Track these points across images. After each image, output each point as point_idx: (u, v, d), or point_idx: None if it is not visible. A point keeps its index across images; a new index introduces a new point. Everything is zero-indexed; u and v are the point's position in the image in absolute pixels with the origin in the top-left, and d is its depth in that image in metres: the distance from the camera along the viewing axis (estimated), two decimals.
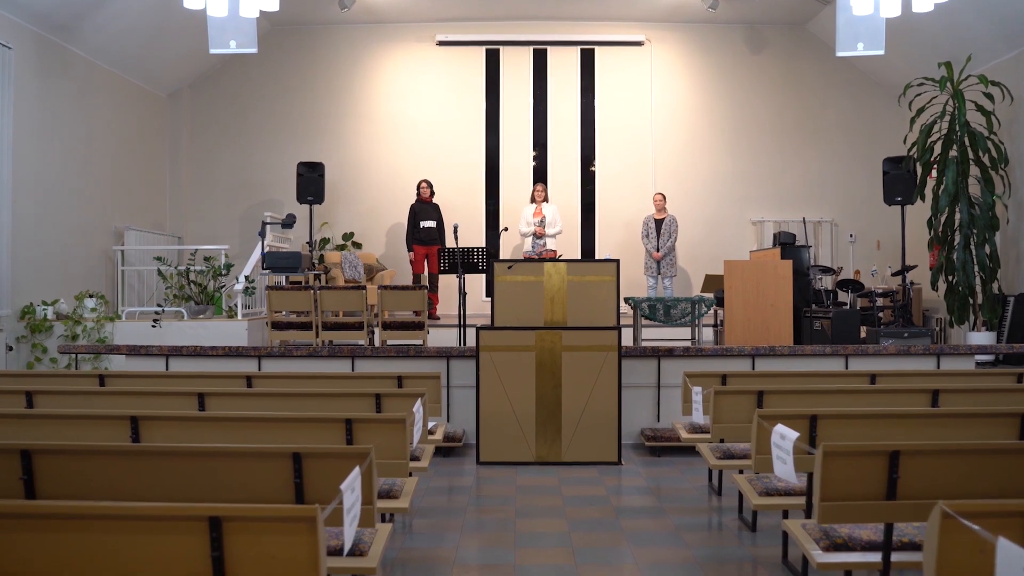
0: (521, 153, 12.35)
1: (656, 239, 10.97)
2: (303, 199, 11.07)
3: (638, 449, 6.99)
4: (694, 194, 12.26)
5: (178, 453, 2.78)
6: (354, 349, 7.10)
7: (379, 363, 7.14)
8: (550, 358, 6.40)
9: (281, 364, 7.17)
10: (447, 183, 11.89)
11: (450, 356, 7.12)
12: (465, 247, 7.77)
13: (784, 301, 7.44)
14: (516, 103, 12.37)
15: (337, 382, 5.13)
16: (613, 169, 12.33)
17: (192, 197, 12.16)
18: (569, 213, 11.95)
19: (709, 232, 12.20)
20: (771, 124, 12.34)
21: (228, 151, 12.20)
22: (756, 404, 4.48)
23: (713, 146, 12.35)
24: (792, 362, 7.16)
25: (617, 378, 6.43)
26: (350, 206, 12.20)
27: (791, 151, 12.35)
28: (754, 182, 12.34)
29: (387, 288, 7.39)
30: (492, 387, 6.41)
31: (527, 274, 7.09)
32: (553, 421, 6.40)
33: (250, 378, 5.19)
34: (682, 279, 11.96)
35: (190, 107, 12.19)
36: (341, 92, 12.28)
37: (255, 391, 4.57)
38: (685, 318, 7.53)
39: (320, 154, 11.89)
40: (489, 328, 6.44)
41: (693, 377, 5.27)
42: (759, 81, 12.36)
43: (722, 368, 7.04)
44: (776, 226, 12.13)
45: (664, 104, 12.34)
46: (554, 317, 7.00)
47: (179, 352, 7.19)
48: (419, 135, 12.26)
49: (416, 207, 10.83)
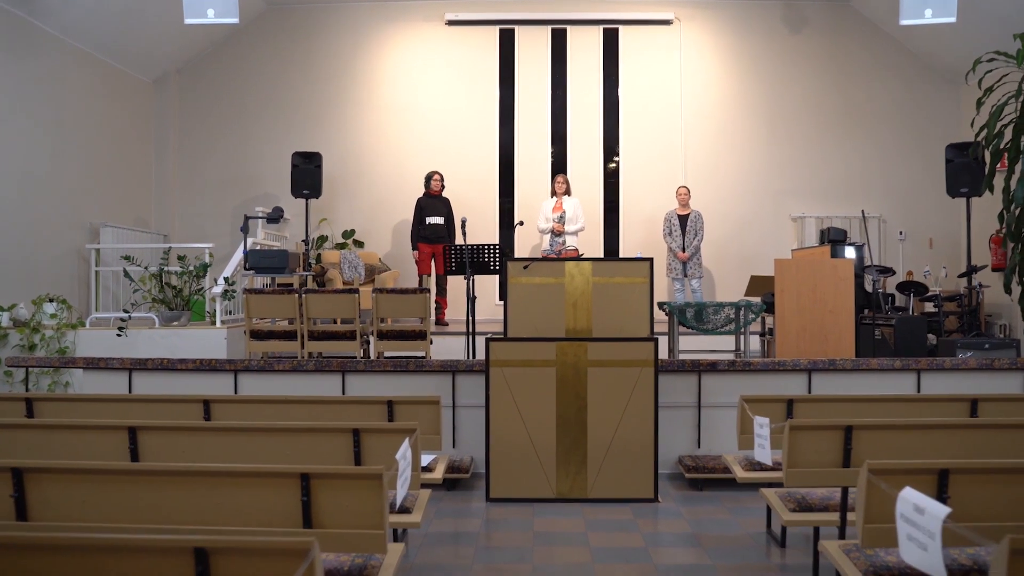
0: (538, 143, 11.39)
1: (681, 237, 9.99)
2: (298, 193, 10.16)
3: (676, 480, 6.02)
4: (726, 188, 11.26)
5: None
6: (345, 362, 6.16)
7: (372, 380, 6.20)
8: (574, 374, 5.43)
9: (260, 381, 6.24)
10: (457, 176, 10.96)
11: (456, 371, 6.17)
12: (474, 244, 6.82)
13: (845, 306, 6.44)
14: (533, 88, 11.41)
15: (313, 409, 4.19)
16: (638, 161, 11.35)
17: (179, 192, 11.28)
18: (590, 209, 10.97)
19: (741, 229, 11.20)
20: (812, 111, 11.32)
21: (219, 141, 11.31)
22: (843, 443, 3.51)
23: (748, 135, 11.35)
24: (856, 379, 6.17)
25: (653, 399, 5.46)
26: (351, 201, 11.27)
27: (834, 140, 11.33)
28: (793, 174, 11.33)
29: (383, 291, 6.45)
30: (505, 409, 5.45)
31: (546, 275, 6.15)
32: (577, 450, 5.43)
33: (208, 403, 4.27)
34: (706, 282, 10.97)
35: (177, 93, 11.31)
36: (342, 77, 11.36)
37: (204, 426, 3.63)
38: (729, 326, 6.55)
39: (319, 144, 10.98)
40: (501, 339, 5.48)
41: (752, 403, 4.30)
42: (798, 63, 11.35)
43: (775, 387, 6.08)
44: (819, 222, 11.12)
45: (694, 89, 11.35)
46: (577, 326, 6.06)
47: (143, 366, 6.27)
48: (427, 124, 11.32)
49: (423, 201, 9.90)
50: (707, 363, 6.18)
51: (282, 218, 7.38)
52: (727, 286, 11.19)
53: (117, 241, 9.46)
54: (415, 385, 6.21)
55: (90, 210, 9.47)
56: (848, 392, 6.13)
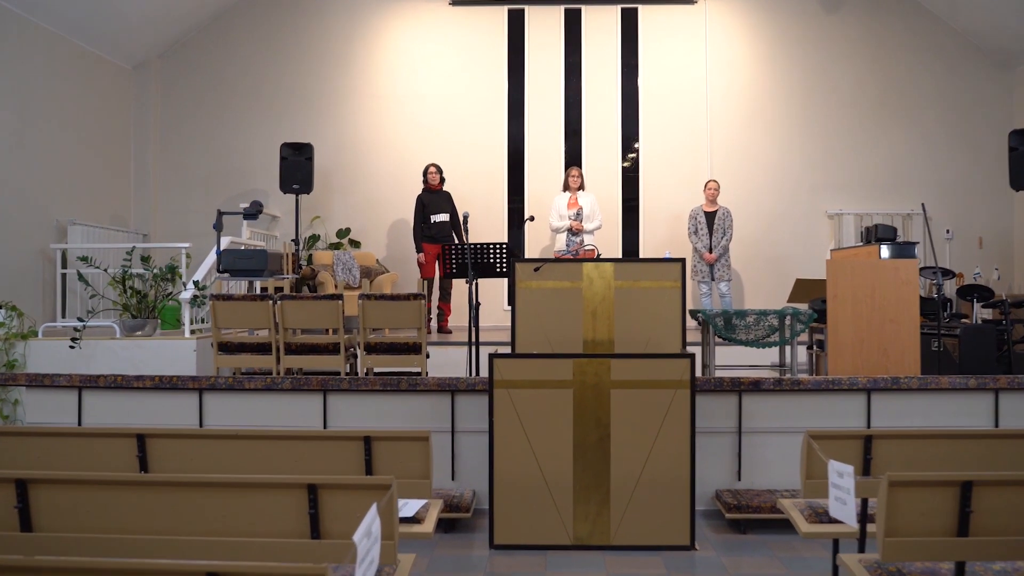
0: (551, 134, 10.55)
1: (708, 236, 9.14)
2: (287, 187, 9.36)
3: (712, 520, 5.18)
4: (756, 182, 10.40)
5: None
6: (327, 380, 5.34)
7: (358, 401, 5.38)
8: (594, 397, 4.60)
9: (228, 401, 5.44)
10: (463, 169, 10.15)
11: (456, 390, 5.35)
12: (478, 243, 5.99)
13: (908, 314, 5.58)
14: (544, 74, 10.57)
15: (269, 449, 3.37)
16: (660, 154, 10.49)
17: (161, 187, 10.49)
18: (607, 207, 10.12)
19: (771, 227, 10.33)
20: (849, 98, 10.45)
21: (204, 133, 10.52)
22: (959, 504, 2.67)
23: (779, 125, 10.48)
24: (924, 401, 5.31)
25: (689, 427, 4.62)
26: (346, 197, 10.46)
27: (873, 130, 10.45)
28: (829, 167, 10.45)
29: (371, 298, 5.62)
30: (511, 439, 4.62)
31: (560, 279, 5.34)
32: (598, 487, 4.60)
33: (143, 439, 3.46)
34: (734, 285, 10.12)
35: (159, 81, 10.52)
36: (337, 62, 10.55)
37: (125, 480, 2.80)
38: (772, 337, 5.70)
39: (312, 135, 10.18)
40: (507, 356, 4.65)
41: (820, 440, 3.46)
42: (834, 46, 10.48)
43: (829, 409, 5.24)
44: (857, 220, 10.25)
45: (720, 75, 10.50)
46: (597, 338, 5.24)
47: (95, 383, 5.48)
48: (429, 113, 10.50)
49: (425, 198, 9.09)
50: (749, 381, 5.33)
51: (260, 213, 6.56)
52: (757, 290, 10.33)
53: (87, 240, 8.68)
54: (407, 407, 5.39)
55: (59, 206, 8.69)
56: (916, 419, 5.29)
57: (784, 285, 10.16)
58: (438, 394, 5.38)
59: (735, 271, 10.06)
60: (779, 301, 10.14)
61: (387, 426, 5.39)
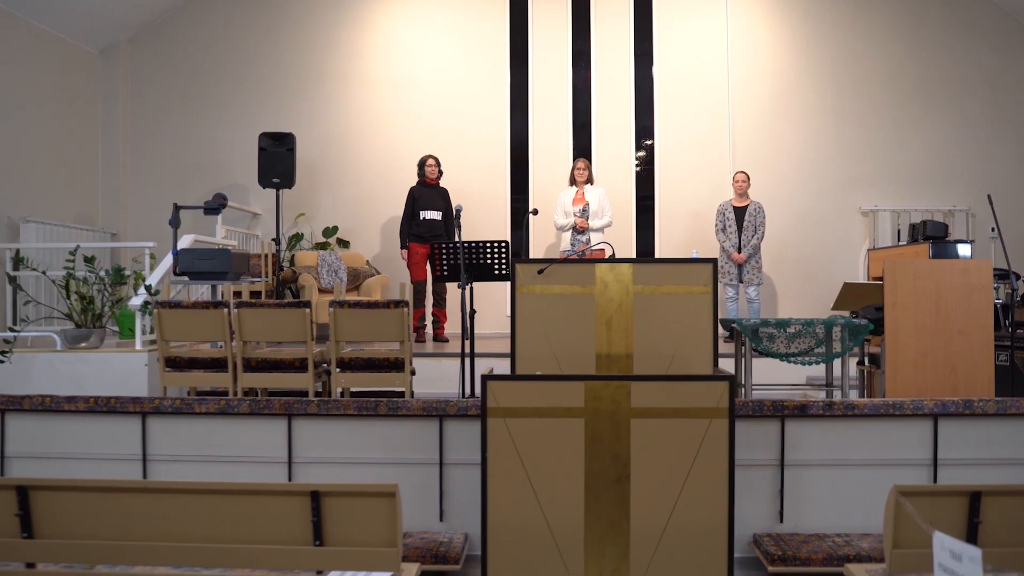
0: (557, 125, 9.75)
1: (737, 234, 8.33)
2: (267, 181, 8.60)
3: (749, 569, 4.40)
4: (783, 176, 9.60)
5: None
6: (292, 403, 4.56)
7: (330, 428, 4.61)
8: (611, 428, 3.80)
9: (175, 428, 4.66)
10: (461, 162, 9.39)
11: (445, 415, 4.56)
12: (473, 241, 5.20)
13: (980, 325, 4.78)
14: (550, 61, 9.78)
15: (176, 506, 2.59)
16: (677, 147, 9.69)
17: (132, 182, 9.73)
18: (620, 205, 9.30)
19: (798, 224, 9.53)
20: (886, 83, 9.63)
21: (179, 122, 9.77)
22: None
23: (808, 114, 9.67)
24: (1001, 427, 4.51)
25: (727, 464, 3.81)
26: (334, 192, 9.68)
27: (912, 118, 9.64)
28: (863, 159, 9.64)
29: (343, 305, 4.81)
30: (509, 478, 3.82)
31: (569, 282, 4.56)
32: (616, 537, 3.80)
33: (25, 491, 2.70)
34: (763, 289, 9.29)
35: (129, 67, 9.76)
36: (323, 46, 9.77)
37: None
38: (817, 350, 4.89)
39: (296, 124, 9.41)
40: (504, 378, 3.85)
41: (911, 496, 2.66)
42: (869, 26, 9.67)
43: (888, 437, 4.46)
44: (895, 216, 9.43)
45: (744, 60, 9.70)
46: (613, 351, 4.46)
47: (18, 405, 4.70)
48: (424, 102, 9.72)
49: (416, 191, 8.31)
50: (794, 405, 4.53)
51: (223, 207, 5.79)
52: (783, 293, 9.53)
53: (44, 239, 7.92)
54: (387, 435, 4.61)
55: (13, 203, 7.94)
56: (993, 450, 4.49)
57: (813, 288, 9.40)
58: (423, 419, 4.59)
59: (766, 275, 9.23)
60: (809, 306, 9.36)
61: (363, 457, 4.62)
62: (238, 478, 4.67)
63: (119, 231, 9.51)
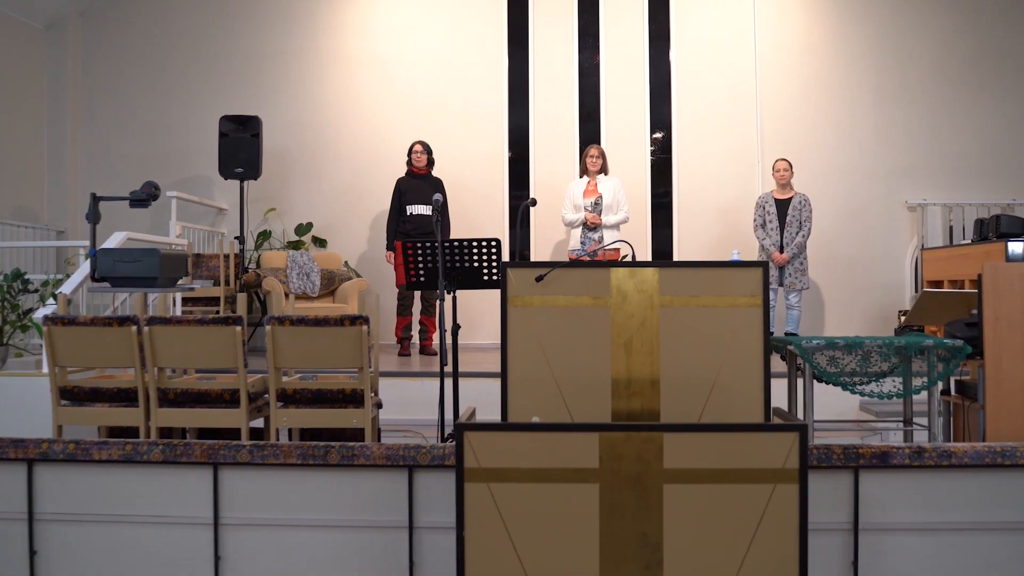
0: (561, 109, 8.72)
1: (779, 231, 7.31)
2: (228, 171, 7.62)
3: None
4: (818, 168, 8.56)
5: None
6: (217, 448, 3.55)
7: (267, 481, 3.61)
8: (636, 497, 2.78)
9: (70, 478, 3.67)
10: (454, 152, 8.36)
11: (415, 465, 3.54)
12: (456, 240, 4.18)
13: None
14: (553, 37, 8.76)
15: None
16: (698, 138, 8.65)
17: (83, 173, 8.75)
18: (635, 202, 8.23)
19: (836, 221, 8.50)
20: (934, 64, 8.60)
21: (135, 106, 8.77)
22: None
23: (847, 99, 8.63)
24: None
25: (798, 544, 2.79)
26: (309, 185, 8.67)
27: (964, 102, 8.61)
28: (909, 148, 8.61)
29: (282, 322, 3.77)
30: (496, 564, 2.81)
31: (576, 292, 3.58)
32: None
33: None
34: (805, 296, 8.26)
35: (78, 43, 8.77)
36: (297, 19, 8.76)
37: None
38: (893, 376, 3.86)
39: (263, 107, 8.38)
40: (486, 427, 2.83)
41: None
42: (915, 3, 8.61)
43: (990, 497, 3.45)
44: (946, 211, 8.41)
45: (774, 39, 8.66)
46: (634, 376, 3.48)
47: None
48: (413, 83, 8.69)
49: (403, 183, 7.30)
50: (871, 452, 3.50)
51: (154, 199, 4.77)
52: (821, 299, 8.50)
53: None
54: (342, 491, 3.60)
55: None
56: None
57: (853, 293, 8.42)
58: (388, 471, 3.58)
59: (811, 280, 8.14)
60: (852, 313, 8.37)
61: (310, 519, 3.62)
62: (149, 544, 3.68)
63: (67, 229, 8.51)
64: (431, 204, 7.05)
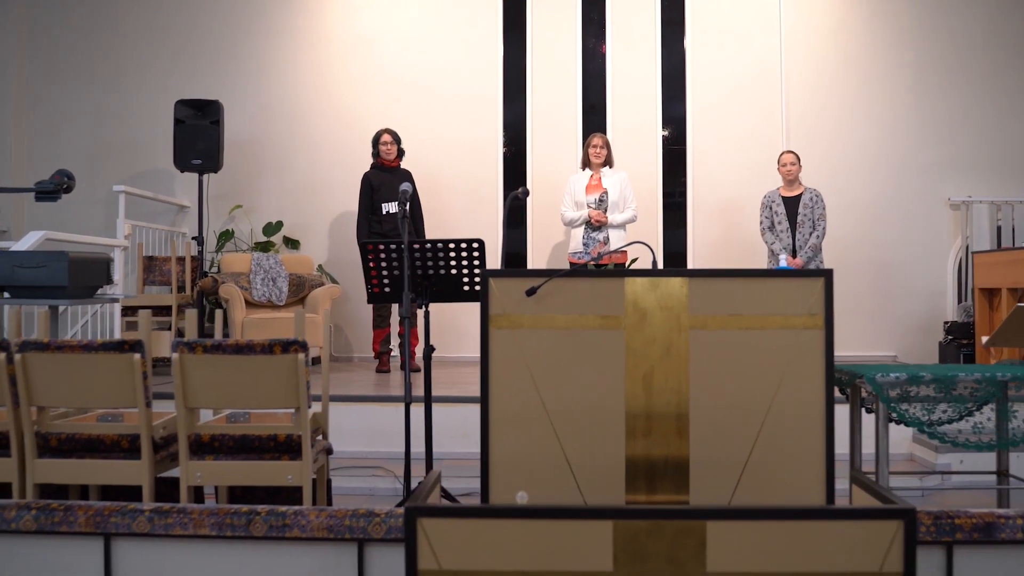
0: (562, 100, 7.93)
1: (790, 233, 6.48)
2: (184, 163, 6.83)
3: None
4: (849, 161, 7.79)
5: None
6: (107, 515, 2.73)
7: (172, 556, 2.77)
8: None
9: None
10: (443, 144, 7.57)
11: (366, 539, 2.71)
12: (430, 241, 3.35)
13: None
14: (554, 20, 7.98)
15: None
16: (715, 129, 7.87)
17: (29, 165, 7.99)
18: (644, 199, 7.42)
19: (867, 219, 7.74)
20: (978, 45, 7.82)
21: (86, 92, 8.01)
22: None
23: (882, 84, 7.86)
24: None
25: None
26: (280, 180, 7.86)
27: (1014, 88, 7.82)
28: (951, 139, 7.83)
29: (194, 348, 2.90)
30: None
31: (580, 310, 2.80)
32: None
33: None
34: None
35: (24, 22, 8.01)
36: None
37: None
38: (988, 422, 3.02)
39: (227, 93, 7.57)
40: (446, 512, 1.99)
41: None
42: None
43: None
44: (994, 209, 7.63)
45: (800, 18, 7.88)
46: (654, 411, 2.70)
47: None
48: (396, 67, 7.90)
49: (373, 178, 6.50)
50: (971, 523, 2.66)
51: (66, 191, 3.97)
52: (847, 309, 7.66)
53: None
54: (271, 572, 2.76)
55: None
56: None
57: (886, 300, 7.64)
58: (331, 545, 2.74)
59: None
60: (886, 324, 7.54)
61: None
62: None
63: (10, 227, 7.74)
64: None
